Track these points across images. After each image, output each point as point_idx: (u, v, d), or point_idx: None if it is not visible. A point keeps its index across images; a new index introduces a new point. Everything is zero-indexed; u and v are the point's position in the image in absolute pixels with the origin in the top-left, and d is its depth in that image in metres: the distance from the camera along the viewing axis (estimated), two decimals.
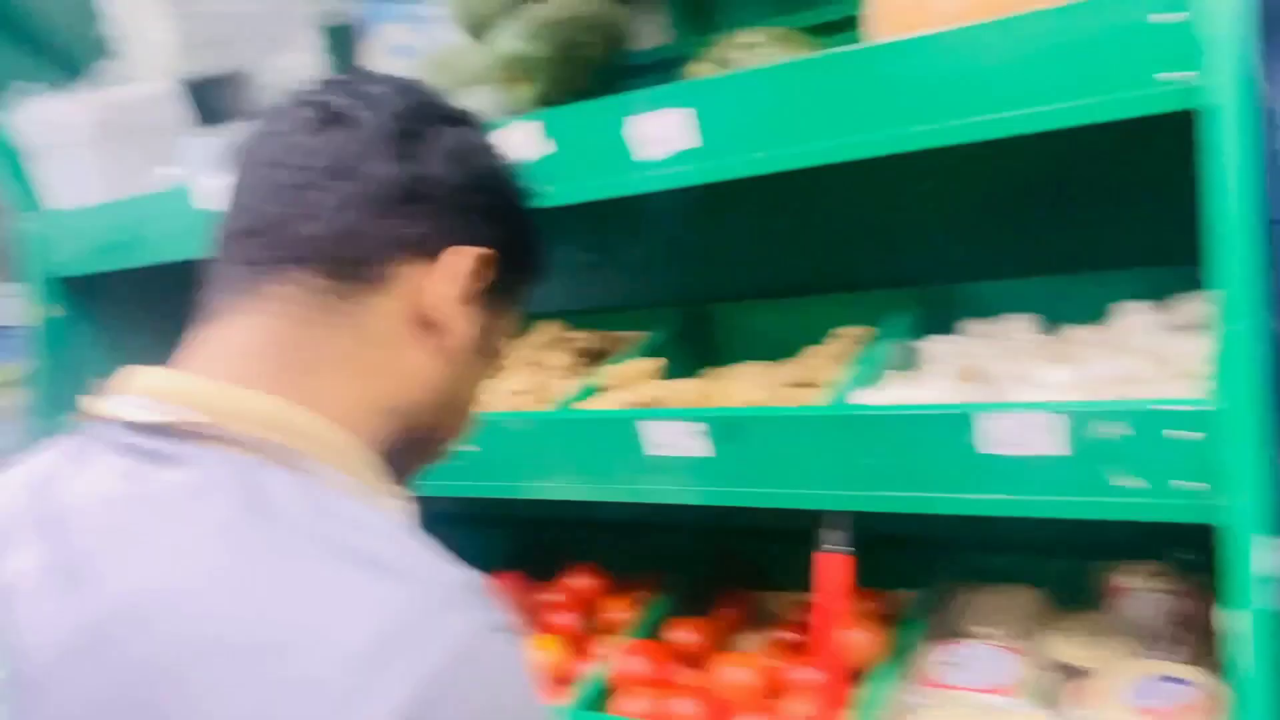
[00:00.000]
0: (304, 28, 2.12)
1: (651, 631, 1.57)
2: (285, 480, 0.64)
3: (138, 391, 0.69)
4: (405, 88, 0.76)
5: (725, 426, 1.23)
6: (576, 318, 1.79)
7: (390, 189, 0.71)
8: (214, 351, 0.71)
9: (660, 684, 1.43)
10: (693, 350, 1.71)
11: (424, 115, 0.75)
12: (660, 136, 1.31)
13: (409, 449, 0.76)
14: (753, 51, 1.30)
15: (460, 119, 0.78)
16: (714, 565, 1.77)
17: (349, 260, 0.70)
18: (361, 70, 0.79)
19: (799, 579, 1.75)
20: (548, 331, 1.69)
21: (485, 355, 0.80)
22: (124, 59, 2.03)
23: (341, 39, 2.07)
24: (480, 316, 0.77)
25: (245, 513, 0.61)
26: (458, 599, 0.59)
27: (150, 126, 2.01)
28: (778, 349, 1.63)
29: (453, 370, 0.76)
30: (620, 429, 1.29)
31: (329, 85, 0.76)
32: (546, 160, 1.39)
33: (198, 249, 0.89)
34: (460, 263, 0.74)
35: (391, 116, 0.73)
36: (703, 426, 1.26)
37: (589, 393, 1.48)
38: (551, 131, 1.37)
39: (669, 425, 1.26)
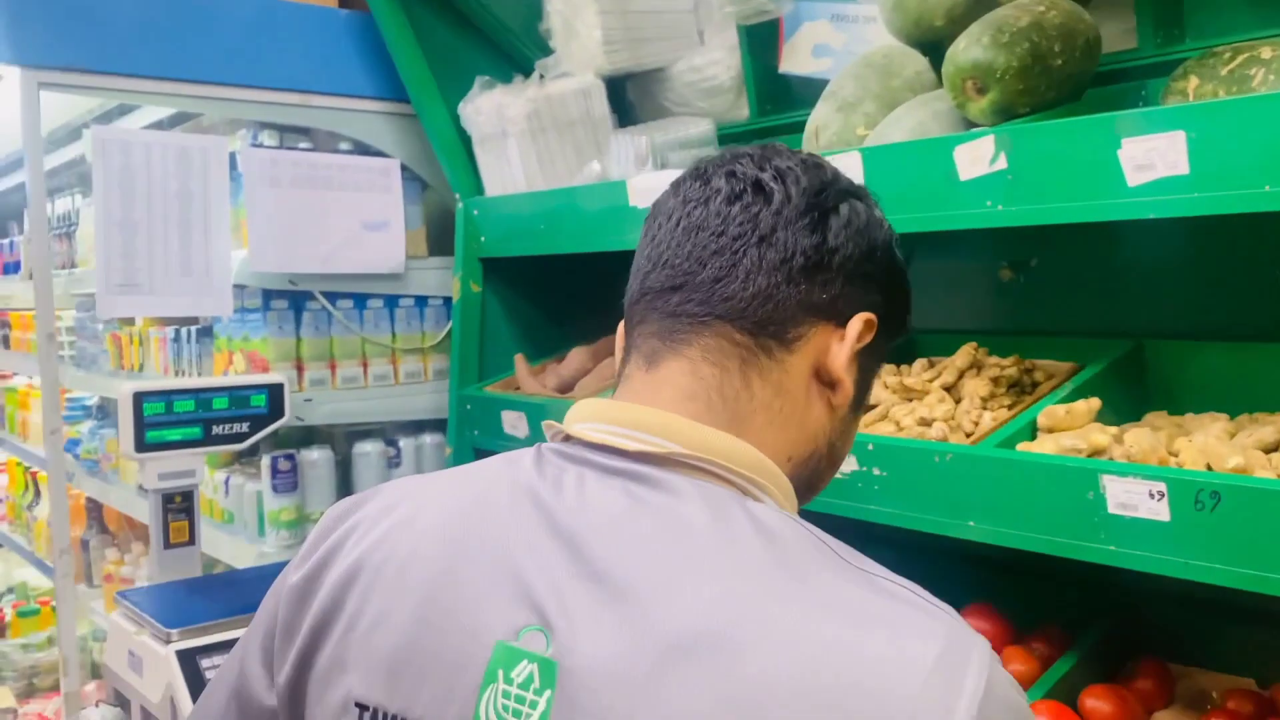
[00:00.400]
0: (724, 26, 2.14)
1: (1053, 691, 1.45)
2: (767, 511, 0.71)
3: (606, 420, 0.77)
4: (811, 165, 0.83)
5: (1205, 492, 1.09)
6: (990, 339, 1.68)
7: (802, 258, 0.78)
8: (660, 392, 0.78)
9: None
10: (1123, 389, 1.56)
11: (830, 191, 0.82)
12: (1144, 161, 1.18)
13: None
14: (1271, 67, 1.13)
15: (857, 194, 0.85)
16: (1122, 626, 1.61)
17: (766, 320, 0.78)
18: (769, 146, 0.86)
19: (1230, 659, 1.57)
20: (963, 355, 1.60)
21: (857, 410, 0.86)
22: (558, 55, 2.15)
23: (762, 38, 2.07)
24: (857, 373, 0.83)
25: (765, 544, 0.68)
26: (968, 627, 0.66)
27: (573, 120, 2.11)
28: (1224, 397, 1.46)
29: (837, 425, 0.83)
30: (1079, 479, 1.18)
31: (740, 157, 0.83)
32: (1000, 176, 1.30)
33: (608, 242, 0.94)
34: (854, 326, 0.81)
35: (802, 192, 0.80)
36: (1163, 486, 1.13)
37: (1014, 429, 1.38)
38: (1012, 146, 1.28)
39: (1134, 483, 1.14)
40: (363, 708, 0.72)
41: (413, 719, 0.70)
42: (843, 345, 0.80)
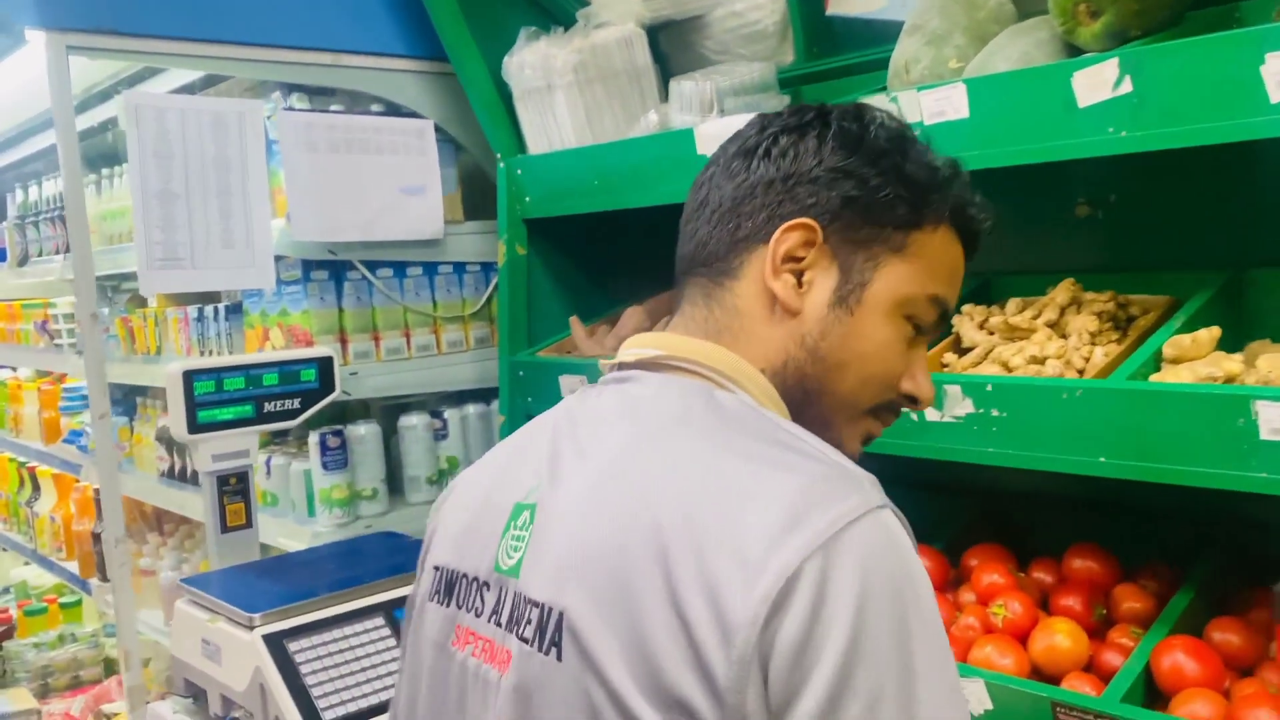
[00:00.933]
0: None
1: (1177, 626, 1.43)
2: (730, 398, 0.87)
3: (630, 345, 0.96)
4: (761, 124, 0.95)
5: None
6: (1078, 277, 1.65)
7: (730, 202, 0.93)
8: (669, 329, 0.98)
9: (1215, 686, 1.29)
10: (1225, 320, 1.53)
11: (761, 136, 0.93)
12: None
13: (801, 412, 0.90)
14: None
15: (801, 127, 0.92)
16: (1225, 557, 1.60)
17: (709, 259, 0.94)
18: (766, 115, 0.97)
19: None
20: (1064, 292, 1.56)
21: (851, 307, 0.90)
22: (596, 4, 2.07)
23: None
24: (837, 271, 0.90)
25: (709, 412, 0.84)
26: (867, 487, 0.77)
27: (618, 70, 2.04)
28: None
29: (814, 328, 0.90)
30: (1228, 407, 1.15)
31: (729, 140, 0.97)
32: (1125, 100, 1.26)
33: (672, 194, 0.97)
34: (775, 237, 0.90)
35: (733, 156, 0.94)
36: None
37: (1140, 361, 1.35)
38: (1140, 68, 1.23)
39: None
40: (438, 569, 0.97)
41: (463, 570, 0.93)
42: (769, 259, 0.90)
